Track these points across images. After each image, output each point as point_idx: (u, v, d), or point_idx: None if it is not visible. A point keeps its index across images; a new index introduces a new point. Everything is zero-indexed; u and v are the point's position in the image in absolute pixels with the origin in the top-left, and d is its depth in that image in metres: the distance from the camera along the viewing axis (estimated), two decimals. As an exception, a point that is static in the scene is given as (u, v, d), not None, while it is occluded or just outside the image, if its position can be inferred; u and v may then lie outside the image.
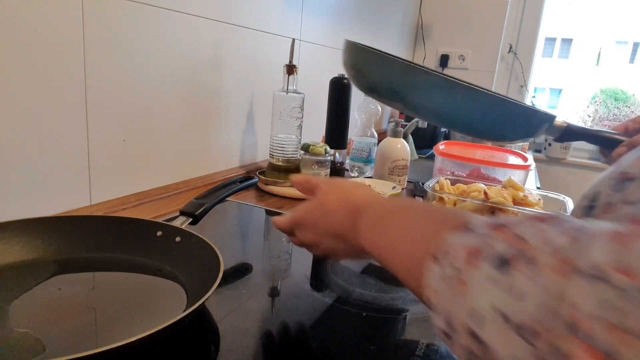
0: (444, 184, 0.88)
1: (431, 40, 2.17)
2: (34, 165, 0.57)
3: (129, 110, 0.69)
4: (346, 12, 1.37)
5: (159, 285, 0.49)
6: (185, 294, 0.47)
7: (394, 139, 1.08)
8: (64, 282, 0.48)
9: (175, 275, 0.50)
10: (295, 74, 0.92)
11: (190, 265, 0.50)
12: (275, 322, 0.48)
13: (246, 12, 0.91)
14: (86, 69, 0.61)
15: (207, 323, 0.46)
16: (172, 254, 0.52)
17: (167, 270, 0.51)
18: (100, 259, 0.53)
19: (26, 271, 0.49)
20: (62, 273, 0.50)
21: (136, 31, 0.67)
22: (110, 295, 0.47)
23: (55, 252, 0.52)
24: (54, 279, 0.48)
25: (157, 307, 0.45)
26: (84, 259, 0.52)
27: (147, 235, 0.54)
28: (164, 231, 0.54)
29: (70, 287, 0.47)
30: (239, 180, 0.68)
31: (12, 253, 0.50)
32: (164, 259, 0.52)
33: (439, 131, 1.85)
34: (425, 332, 0.48)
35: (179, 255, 0.52)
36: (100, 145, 0.65)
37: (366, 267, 0.63)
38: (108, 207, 0.66)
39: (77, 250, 0.53)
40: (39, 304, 0.43)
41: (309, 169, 0.93)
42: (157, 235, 0.54)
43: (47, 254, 0.51)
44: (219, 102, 0.89)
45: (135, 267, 0.52)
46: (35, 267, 0.49)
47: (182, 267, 0.51)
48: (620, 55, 6.73)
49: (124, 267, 0.52)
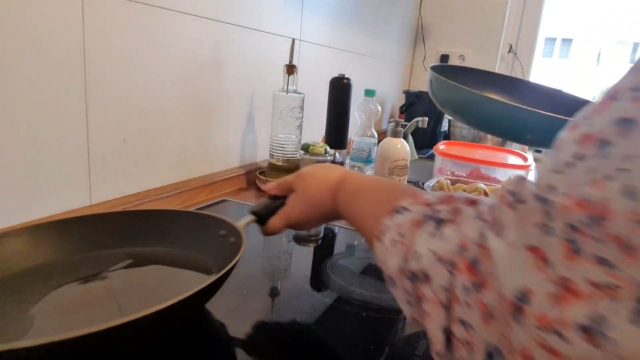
0: (444, 184, 0.88)
1: (431, 40, 2.17)
2: (34, 165, 0.57)
3: (129, 110, 0.69)
4: (346, 12, 1.37)
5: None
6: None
7: (394, 139, 1.08)
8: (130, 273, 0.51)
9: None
10: (295, 74, 0.92)
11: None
12: (275, 322, 0.48)
13: (246, 12, 0.91)
14: (86, 69, 0.61)
15: (208, 323, 0.46)
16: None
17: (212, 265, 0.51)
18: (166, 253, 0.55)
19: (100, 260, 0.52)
20: (133, 267, 0.52)
21: (136, 31, 0.67)
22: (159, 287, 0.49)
23: (123, 244, 0.54)
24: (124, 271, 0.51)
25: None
26: (152, 251, 0.55)
27: (211, 233, 0.53)
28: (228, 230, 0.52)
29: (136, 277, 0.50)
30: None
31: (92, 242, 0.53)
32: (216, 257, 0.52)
33: (439, 131, 1.85)
34: (425, 332, 0.48)
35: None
36: (100, 145, 0.65)
37: (366, 267, 0.63)
38: (108, 207, 0.66)
39: (145, 243, 0.55)
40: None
41: (309, 169, 0.93)
42: (220, 234, 0.53)
43: (118, 244, 0.54)
44: (219, 102, 0.89)
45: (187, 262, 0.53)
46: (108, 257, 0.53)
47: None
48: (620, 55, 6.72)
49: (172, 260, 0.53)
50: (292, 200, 0.51)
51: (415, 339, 0.46)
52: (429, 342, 0.27)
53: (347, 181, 0.46)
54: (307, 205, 0.50)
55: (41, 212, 0.59)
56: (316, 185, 0.49)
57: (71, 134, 0.61)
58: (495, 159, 1.12)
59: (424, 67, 2.20)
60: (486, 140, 1.67)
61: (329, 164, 0.55)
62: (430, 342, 0.27)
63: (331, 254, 0.67)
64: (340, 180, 0.47)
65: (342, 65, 1.41)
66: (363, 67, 1.60)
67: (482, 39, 2.08)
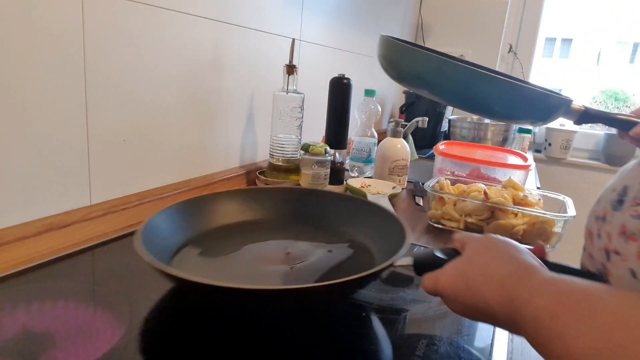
0: (444, 184, 0.88)
1: (431, 40, 2.17)
2: (34, 165, 0.57)
3: (129, 110, 0.69)
4: (346, 12, 1.37)
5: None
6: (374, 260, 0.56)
7: (394, 139, 1.08)
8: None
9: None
10: (295, 74, 0.92)
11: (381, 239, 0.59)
12: (275, 322, 0.48)
13: (246, 12, 0.91)
14: (86, 69, 0.61)
15: (209, 323, 0.46)
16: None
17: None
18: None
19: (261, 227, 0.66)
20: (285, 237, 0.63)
21: (136, 31, 0.67)
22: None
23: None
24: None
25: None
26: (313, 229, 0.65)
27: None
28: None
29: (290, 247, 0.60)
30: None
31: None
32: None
33: (439, 131, 1.85)
34: (425, 332, 0.48)
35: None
36: (100, 145, 0.65)
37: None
38: (108, 207, 0.66)
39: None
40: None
41: (309, 169, 0.93)
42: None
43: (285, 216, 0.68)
44: (219, 102, 0.89)
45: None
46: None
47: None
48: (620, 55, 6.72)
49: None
50: (453, 263, 0.40)
51: (416, 339, 0.46)
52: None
53: (544, 285, 0.30)
54: (459, 278, 0.37)
55: (41, 212, 0.59)
56: (480, 265, 0.36)
57: (71, 133, 0.61)
58: (495, 159, 1.12)
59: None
60: (486, 140, 1.68)
61: (512, 244, 0.38)
62: None
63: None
64: (523, 283, 0.31)
65: (342, 65, 1.41)
66: (363, 67, 1.60)
67: (482, 39, 2.08)
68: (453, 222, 0.82)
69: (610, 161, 2.13)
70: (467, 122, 1.73)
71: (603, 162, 2.16)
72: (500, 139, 1.68)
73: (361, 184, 1.00)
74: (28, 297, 0.47)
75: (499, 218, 0.79)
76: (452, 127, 1.76)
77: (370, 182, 1.03)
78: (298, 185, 0.92)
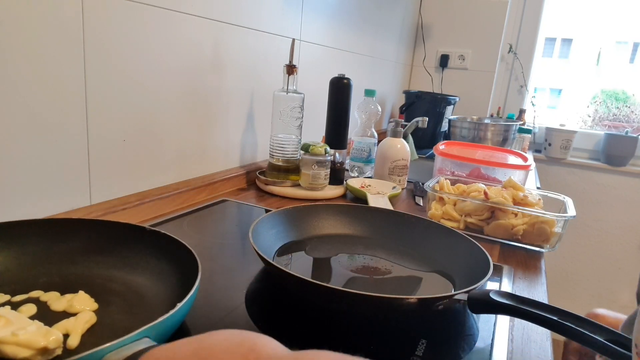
0: (444, 184, 0.88)
1: (431, 40, 2.17)
2: (34, 165, 0.57)
3: (129, 110, 0.69)
4: (346, 12, 1.37)
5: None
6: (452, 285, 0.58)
7: (394, 139, 1.08)
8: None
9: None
10: (295, 74, 0.92)
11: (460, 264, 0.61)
12: (275, 322, 0.48)
13: (246, 12, 0.91)
14: (86, 69, 0.61)
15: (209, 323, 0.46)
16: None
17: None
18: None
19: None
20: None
21: (136, 31, 0.67)
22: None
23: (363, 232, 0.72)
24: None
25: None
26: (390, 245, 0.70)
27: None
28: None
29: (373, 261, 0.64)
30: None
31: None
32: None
33: (439, 131, 1.85)
34: (425, 332, 0.48)
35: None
36: (100, 145, 0.65)
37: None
38: (108, 207, 0.66)
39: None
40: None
41: (309, 169, 0.93)
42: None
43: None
44: (219, 102, 0.89)
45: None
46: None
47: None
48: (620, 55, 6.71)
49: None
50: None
51: (416, 339, 0.46)
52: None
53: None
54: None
55: (41, 212, 0.59)
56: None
57: (71, 134, 0.61)
58: (495, 159, 1.12)
59: (424, 67, 2.20)
60: (486, 140, 1.68)
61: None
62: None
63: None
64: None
65: (342, 65, 1.41)
66: (363, 67, 1.60)
67: (482, 39, 2.08)
68: (453, 222, 0.82)
69: (610, 161, 2.13)
70: (467, 122, 1.73)
71: (603, 162, 2.16)
72: (500, 139, 1.68)
73: (361, 184, 1.00)
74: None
75: (499, 218, 0.79)
76: (452, 127, 1.76)
77: (370, 182, 1.03)
78: (391, 209, 0.87)
